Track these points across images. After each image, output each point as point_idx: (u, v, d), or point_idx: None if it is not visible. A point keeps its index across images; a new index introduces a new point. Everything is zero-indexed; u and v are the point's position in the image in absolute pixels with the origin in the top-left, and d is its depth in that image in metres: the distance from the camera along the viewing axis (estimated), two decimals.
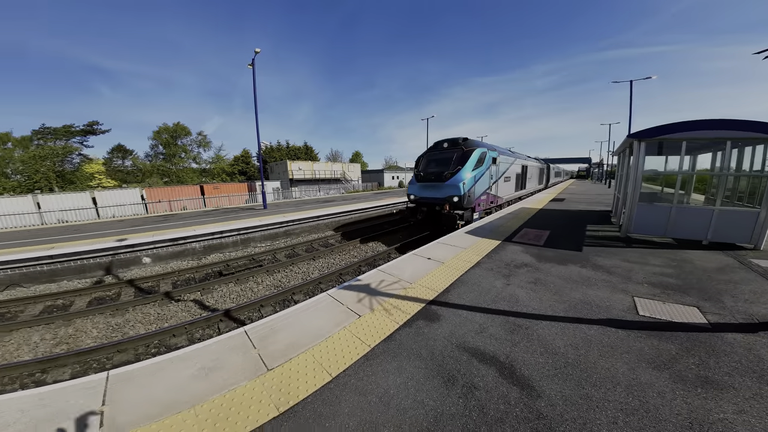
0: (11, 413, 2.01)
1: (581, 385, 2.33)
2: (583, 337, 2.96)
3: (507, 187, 13.59)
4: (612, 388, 2.30)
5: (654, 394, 2.23)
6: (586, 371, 2.48)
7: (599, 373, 2.46)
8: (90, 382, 2.38)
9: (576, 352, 2.72)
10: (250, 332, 3.19)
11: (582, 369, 2.50)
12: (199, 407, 2.14)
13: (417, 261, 5.50)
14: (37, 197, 19.81)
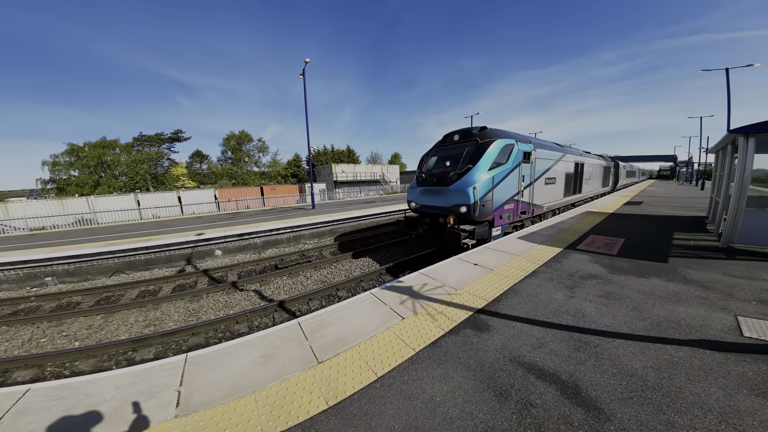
0: (109, 390, 2.41)
1: (662, 410, 2.05)
2: (667, 359, 2.60)
3: (550, 191, 10.26)
4: (701, 414, 2.00)
5: (755, 423, 1.89)
6: (669, 395, 2.18)
7: (686, 398, 2.14)
8: (171, 363, 2.75)
9: (657, 375, 2.40)
10: (303, 324, 3.39)
11: (664, 393, 2.20)
12: (258, 393, 2.34)
13: (462, 266, 5.29)
14: (137, 196, 23.86)
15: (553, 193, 10.62)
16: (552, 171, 10.21)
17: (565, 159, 11.28)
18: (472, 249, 6.57)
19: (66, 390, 2.37)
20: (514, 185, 8.03)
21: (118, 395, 2.30)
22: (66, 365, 4.78)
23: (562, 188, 11.38)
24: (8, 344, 5.50)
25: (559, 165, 10.75)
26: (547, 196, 10.08)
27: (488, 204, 7.22)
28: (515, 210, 8.27)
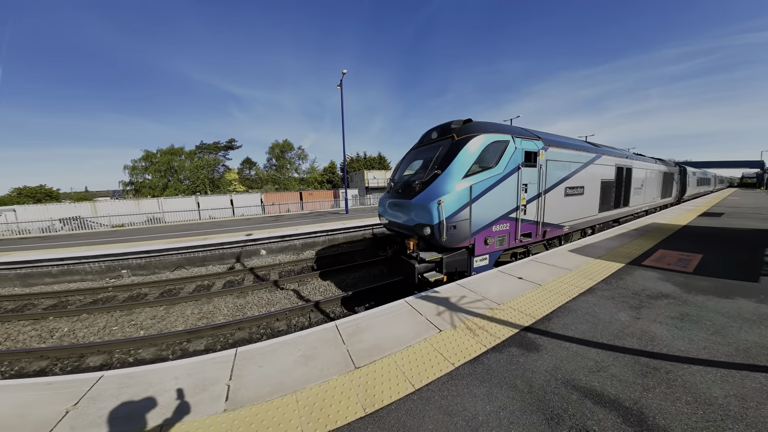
0: (168, 380, 2.59)
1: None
2: (755, 388, 2.31)
3: (575, 205, 7.69)
4: None
5: None
6: (754, 426, 1.96)
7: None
8: (223, 357, 2.94)
9: (742, 404, 2.14)
10: (340, 327, 3.44)
11: (748, 423, 1.98)
12: (299, 393, 2.39)
13: (504, 279, 4.97)
14: (197, 198, 26.55)
15: (581, 206, 7.98)
16: (577, 177, 7.64)
17: (600, 162, 8.70)
18: (524, 258, 6.13)
19: (132, 378, 2.64)
20: (509, 197, 5.82)
21: (176, 386, 2.50)
22: (131, 353, 5.35)
23: (596, 200, 8.72)
24: (87, 330, 6.29)
25: (589, 169, 8.12)
26: (569, 212, 7.51)
27: (463, 224, 5.24)
28: (512, 232, 6.01)
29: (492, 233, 5.70)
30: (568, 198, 7.43)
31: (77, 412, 2.18)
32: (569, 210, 7.54)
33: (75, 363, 5.02)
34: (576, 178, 7.64)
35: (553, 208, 6.94)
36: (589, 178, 8.20)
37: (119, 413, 2.18)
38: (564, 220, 7.41)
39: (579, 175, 7.74)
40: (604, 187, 9.01)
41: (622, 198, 10.42)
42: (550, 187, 6.78)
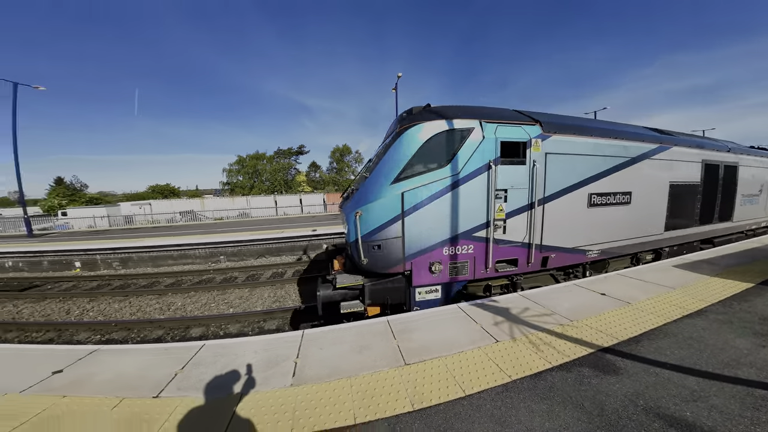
0: (250, 353, 3.04)
1: None
2: None
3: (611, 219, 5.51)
4: None
5: None
6: None
7: None
8: (292, 337, 3.34)
9: None
10: (391, 323, 3.58)
11: None
12: (353, 379, 2.58)
13: (580, 294, 4.39)
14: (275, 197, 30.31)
15: (624, 221, 5.63)
16: (614, 179, 5.31)
17: (667, 156, 6.00)
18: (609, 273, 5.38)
19: (225, 348, 3.19)
20: (472, 209, 4.36)
21: (256, 358, 2.94)
22: (222, 327, 6.39)
23: (660, 213, 6.11)
24: (193, 306, 7.68)
25: (642, 167, 5.66)
26: (597, 229, 5.34)
27: (391, 244, 4.16)
28: (480, 257, 4.51)
29: (442, 258, 4.33)
30: (595, 210, 5.18)
31: (183, 375, 2.73)
32: (597, 227, 5.29)
33: (182, 333, 6.25)
34: (611, 180, 5.27)
35: (562, 223, 4.93)
36: (642, 179, 5.65)
37: (212, 378, 2.68)
38: (587, 242, 5.24)
39: (619, 175, 5.33)
40: (677, 194, 6.30)
41: (717, 209, 7.33)
42: (556, 193, 4.81)
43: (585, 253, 5.30)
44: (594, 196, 5.14)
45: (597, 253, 5.44)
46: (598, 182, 5.17)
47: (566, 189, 4.90)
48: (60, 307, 7.52)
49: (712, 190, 7.15)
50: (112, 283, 9.41)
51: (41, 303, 7.80)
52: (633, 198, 5.59)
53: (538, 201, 4.65)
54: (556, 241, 4.94)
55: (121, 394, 2.40)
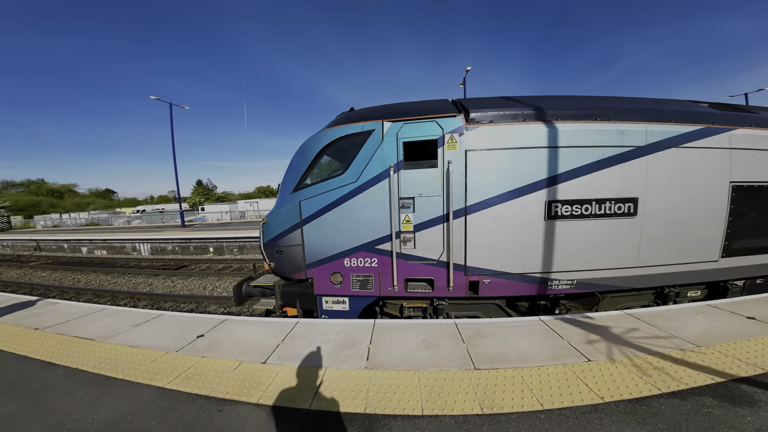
0: (332, 334, 3.47)
1: None
2: None
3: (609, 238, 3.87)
4: None
5: None
6: None
7: None
8: (365, 324, 3.67)
9: None
10: (459, 326, 3.56)
11: None
12: (421, 373, 2.69)
13: (717, 316, 3.54)
14: None
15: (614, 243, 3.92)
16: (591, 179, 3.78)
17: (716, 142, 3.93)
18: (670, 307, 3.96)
19: (313, 326, 3.72)
20: (372, 219, 3.96)
21: (337, 339, 3.36)
22: None
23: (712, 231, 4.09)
24: None
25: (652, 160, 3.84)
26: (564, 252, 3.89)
27: (293, 251, 4.20)
28: (385, 273, 4.04)
29: (344, 269, 4.12)
30: (562, 223, 3.80)
31: (283, 346, 3.31)
32: (568, 247, 3.86)
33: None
34: (594, 180, 3.77)
35: (499, 241, 3.83)
36: (664, 179, 3.86)
37: (304, 351, 3.16)
38: (548, 268, 3.89)
39: (608, 173, 3.77)
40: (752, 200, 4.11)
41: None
42: (486, 200, 3.78)
43: (547, 284, 3.94)
44: (557, 204, 3.75)
45: (570, 285, 3.96)
46: (567, 185, 3.74)
47: (504, 195, 3.77)
48: (199, 283, 9.82)
49: None
50: (233, 266, 11.77)
51: (188, 279, 10.35)
52: (642, 207, 3.84)
53: (458, 211, 3.79)
54: (490, 264, 3.88)
55: (240, 358, 3.07)
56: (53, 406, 2.29)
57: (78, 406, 2.31)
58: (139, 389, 2.60)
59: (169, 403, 2.42)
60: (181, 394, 2.54)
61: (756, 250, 4.20)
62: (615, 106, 3.99)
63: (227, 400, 2.46)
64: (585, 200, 3.76)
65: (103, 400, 2.41)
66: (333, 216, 4.06)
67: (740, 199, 4.00)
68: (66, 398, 2.40)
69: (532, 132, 3.74)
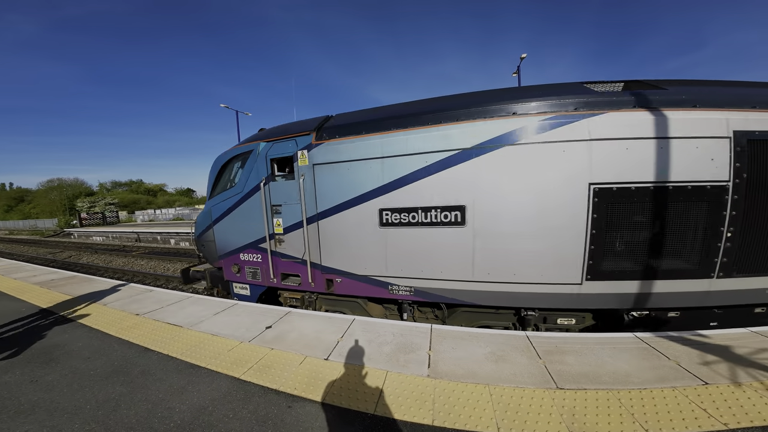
0: (388, 335, 3.39)
1: None
2: None
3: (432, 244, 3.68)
4: None
5: None
6: None
7: None
8: (422, 328, 3.50)
9: None
10: (532, 339, 3.19)
11: None
12: (492, 388, 2.45)
13: None
14: None
15: (443, 253, 3.71)
16: (417, 186, 3.71)
17: (575, 132, 3.13)
18: None
19: (369, 325, 3.69)
20: (252, 223, 4.83)
21: (394, 341, 3.26)
22: None
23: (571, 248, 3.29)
24: None
25: (482, 162, 3.42)
26: (396, 259, 3.96)
27: (210, 245, 5.50)
28: (266, 267, 4.85)
29: (240, 262, 5.12)
30: (392, 231, 3.92)
31: (343, 343, 3.32)
32: (399, 254, 3.96)
33: None
34: (419, 188, 3.73)
35: (344, 244, 4.26)
36: (498, 183, 3.45)
37: (364, 351, 3.13)
38: (383, 273, 4.08)
39: (433, 180, 3.65)
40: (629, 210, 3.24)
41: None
42: (331, 208, 4.24)
43: (389, 288, 4.11)
44: (387, 212, 3.91)
45: (409, 292, 4.03)
46: (395, 193, 3.84)
47: (344, 204, 4.12)
48: None
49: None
50: None
51: None
52: (470, 215, 3.57)
53: (312, 217, 4.36)
54: (339, 264, 4.33)
55: (304, 352, 3.16)
56: (148, 392, 2.57)
57: (168, 393, 2.57)
58: (219, 379, 2.81)
59: (245, 395, 2.57)
60: (255, 387, 2.68)
61: (629, 274, 3.33)
62: (441, 106, 3.82)
63: (295, 396, 2.52)
64: (412, 208, 3.80)
65: (189, 389, 2.64)
66: (230, 219, 5.10)
67: (605, 206, 3.25)
68: (159, 385, 2.69)
69: (365, 144, 3.96)
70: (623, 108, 3.22)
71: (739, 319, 3.41)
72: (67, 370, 2.88)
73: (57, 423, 2.12)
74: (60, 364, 3.01)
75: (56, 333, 3.82)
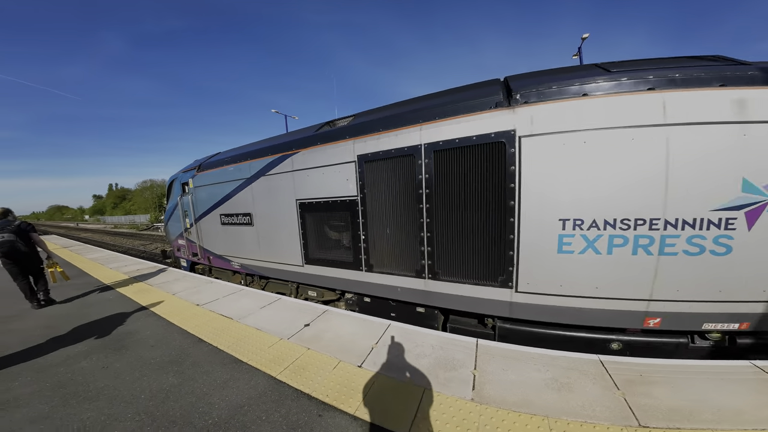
0: (426, 346, 3.06)
1: None
2: None
3: (242, 238, 6.21)
4: None
5: None
6: None
7: None
8: (466, 343, 3.10)
9: None
10: (607, 365, 2.60)
11: None
12: (552, 421, 2.03)
13: None
14: None
15: (249, 244, 6.00)
16: (233, 201, 6.10)
17: (286, 167, 4.97)
18: None
19: (407, 333, 3.43)
20: (179, 221, 8.09)
21: (433, 354, 2.95)
22: None
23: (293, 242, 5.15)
24: None
25: (253, 186, 5.62)
26: (233, 245, 6.43)
27: (168, 235, 9.50)
28: (188, 248, 7.95)
29: (177, 244, 8.54)
30: (227, 228, 6.41)
31: (377, 350, 3.13)
32: (231, 243, 6.42)
33: None
34: (234, 202, 6.07)
35: (210, 235, 6.94)
36: (261, 199, 5.55)
37: (400, 361, 2.91)
38: (228, 253, 6.61)
39: (239, 197, 5.93)
40: (319, 218, 4.75)
41: None
42: (203, 213, 6.93)
43: (230, 262, 6.59)
44: (223, 216, 6.38)
45: (240, 266, 6.38)
46: (225, 204, 6.25)
47: (207, 210, 6.78)
48: None
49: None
50: None
51: None
52: (255, 219, 5.71)
53: (196, 218, 7.19)
54: (210, 247, 7.05)
55: (338, 356, 3.05)
56: (195, 385, 2.70)
57: (212, 387, 2.66)
58: (257, 376, 2.85)
59: (278, 397, 2.54)
60: (288, 389, 2.65)
61: (324, 262, 4.80)
62: (245, 150, 5.93)
63: (326, 405, 2.41)
64: (231, 214, 6.15)
65: (230, 384, 2.71)
66: (172, 219, 8.56)
67: (304, 215, 4.85)
68: (205, 378, 2.81)
69: (211, 174, 6.50)
70: (313, 145, 4.63)
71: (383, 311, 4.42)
72: (133, 357, 3.19)
73: (114, 411, 2.31)
74: (129, 351, 3.35)
75: (132, 320, 4.32)
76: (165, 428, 2.17)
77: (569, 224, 2.76)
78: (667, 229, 2.53)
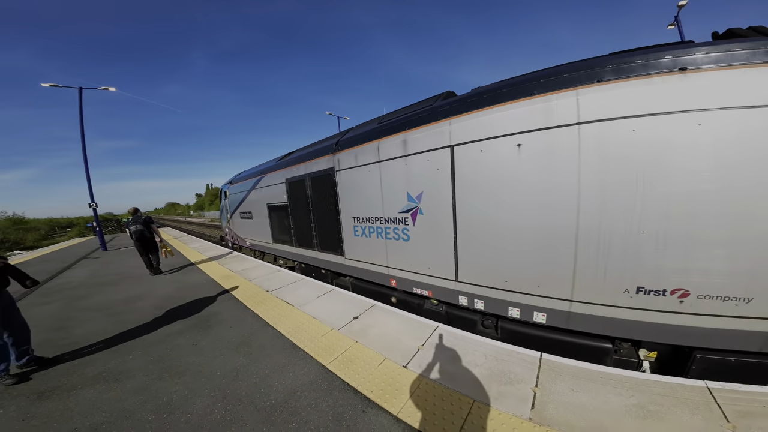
0: (478, 356, 2.80)
1: None
2: None
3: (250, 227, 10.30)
4: None
5: None
6: None
7: None
8: (528, 356, 2.74)
9: None
10: (716, 393, 2.01)
11: None
12: None
13: None
14: None
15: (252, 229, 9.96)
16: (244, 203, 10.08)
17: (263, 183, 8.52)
18: None
19: (455, 338, 3.20)
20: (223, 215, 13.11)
21: (486, 364, 2.68)
22: None
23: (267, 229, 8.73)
24: None
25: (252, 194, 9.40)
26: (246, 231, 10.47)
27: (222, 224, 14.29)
28: (229, 234, 12.58)
29: (226, 232, 13.02)
30: (243, 220, 10.34)
31: (423, 352, 2.99)
32: (247, 229, 10.27)
33: None
34: (244, 204, 9.97)
35: (239, 225, 10.80)
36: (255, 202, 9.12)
37: (447, 366, 2.74)
38: (246, 237, 10.45)
39: (247, 201, 9.73)
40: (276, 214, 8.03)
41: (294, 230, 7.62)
42: (233, 211, 11.13)
43: (245, 242, 10.59)
44: (240, 213, 10.37)
45: (250, 245, 10.27)
46: (241, 206, 10.16)
47: (234, 210, 10.95)
48: None
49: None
50: None
51: None
52: (254, 216, 9.32)
53: (231, 214, 11.52)
54: (237, 233, 11.19)
55: (384, 353, 3.04)
56: (259, 366, 3.00)
57: (273, 370, 2.92)
58: (311, 364, 3.03)
59: (327, 386, 2.65)
60: (337, 379, 2.74)
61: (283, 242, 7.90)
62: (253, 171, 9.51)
63: (371, 402, 2.42)
64: (244, 212, 10.09)
65: (287, 369, 2.94)
66: (221, 214, 13.75)
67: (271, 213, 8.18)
68: (268, 360, 3.10)
69: (237, 186, 10.49)
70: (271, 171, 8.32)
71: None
72: (215, 337, 3.72)
73: (195, 387, 2.71)
74: (212, 330, 3.92)
75: (217, 303, 5.06)
76: (232, 405, 2.46)
77: (356, 220, 5.01)
78: (384, 223, 4.44)
